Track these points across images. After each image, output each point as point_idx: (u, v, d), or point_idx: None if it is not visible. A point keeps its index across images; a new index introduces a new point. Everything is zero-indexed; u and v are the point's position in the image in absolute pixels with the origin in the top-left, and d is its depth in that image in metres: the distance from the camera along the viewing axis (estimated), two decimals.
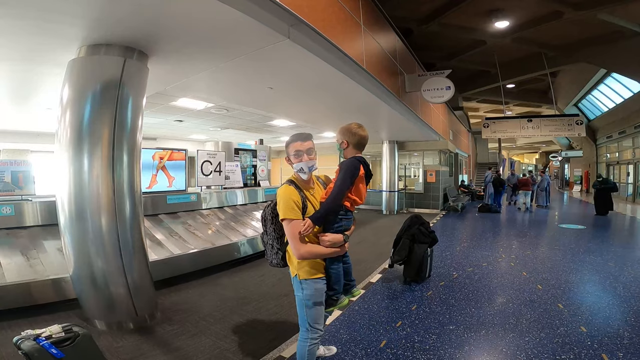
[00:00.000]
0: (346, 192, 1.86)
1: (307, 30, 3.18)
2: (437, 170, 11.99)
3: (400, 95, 6.43)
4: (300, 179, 1.94)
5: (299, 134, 1.95)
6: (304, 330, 1.97)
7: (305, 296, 1.91)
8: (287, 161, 1.98)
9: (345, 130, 1.96)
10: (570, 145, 24.37)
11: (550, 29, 9.65)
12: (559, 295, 3.86)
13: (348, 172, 1.86)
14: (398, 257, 4.41)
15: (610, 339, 2.80)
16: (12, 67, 3.86)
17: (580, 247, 6.26)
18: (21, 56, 3.49)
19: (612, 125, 16.28)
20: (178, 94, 5.36)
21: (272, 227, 2.02)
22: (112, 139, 2.91)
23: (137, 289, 3.13)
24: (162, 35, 3.00)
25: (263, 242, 2.17)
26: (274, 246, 2.05)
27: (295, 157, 1.90)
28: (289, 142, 1.95)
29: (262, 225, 2.10)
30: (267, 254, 2.14)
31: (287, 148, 1.97)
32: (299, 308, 1.97)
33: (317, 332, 1.98)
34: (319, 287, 1.91)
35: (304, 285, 1.90)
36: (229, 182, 6.98)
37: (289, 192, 1.84)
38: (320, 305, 1.95)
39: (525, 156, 45.67)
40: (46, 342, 1.97)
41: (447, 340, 2.85)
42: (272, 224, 2.02)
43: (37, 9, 2.46)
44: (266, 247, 2.12)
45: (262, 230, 2.13)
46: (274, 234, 2.02)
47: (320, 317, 1.98)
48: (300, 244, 1.78)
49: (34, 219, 4.15)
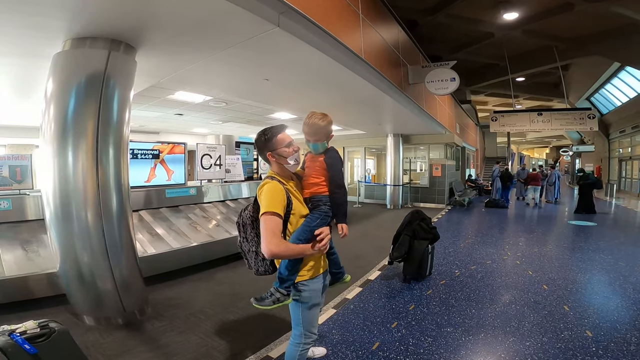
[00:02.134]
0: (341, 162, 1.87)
1: (299, 18, 3.03)
2: (442, 164, 11.75)
3: (403, 87, 6.24)
4: (282, 173, 1.81)
5: (280, 125, 1.82)
6: (298, 335, 1.87)
7: (303, 299, 1.79)
8: (270, 157, 1.78)
9: (329, 125, 1.82)
10: (582, 139, 23.80)
11: (561, 21, 9.28)
12: (566, 296, 3.70)
13: (339, 163, 1.85)
14: (397, 253, 4.28)
15: (617, 344, 2.64)
16: (5, 60, 3.79)
17: (589, 245, 6.05)
18: (11, 50, 3.42)
19: (625, 120, 15.80)
20: (174, 87, 5.27)
21: (253, 232, 1.84)
22: (96, 133, 2.83)
23: (125, 284, 3.07)
24: (148, 27, 2.89)
25: (242, 252, 1.97)
26: (259, 253, 1.82)
27: (287, 147, 1.76)
28: (274, 134, 1.77)
29: (240, 232, 1.90)
30: (250, 264, 1.94)
31: (271, 141, 1.76)
32: (294, 311, 1.85)
33: (311, 337, 1.88)
34: (316, 288, 1.81)
35: (301, 287, 1.77)
36: (229, 175, 6.90)
37: (277, 188, 1.68)
38: (317, 307, 1.86)
39: (535, 150, 44.86)
40: (20, 337, 1.94)
41: (442, 344, 2.72)
42: (253, 228, 1.83)
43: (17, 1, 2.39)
44: (247, 255, 1.92)
45: (240, 238, 1.93)
46: (257, 238, 1.83)
47: (316, 320, 1.90)
48: (276, 239, 1.60)
49: (31, 213, 4.11)
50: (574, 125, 10.90)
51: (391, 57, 5.85)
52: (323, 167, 1.81)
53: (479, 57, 12.52)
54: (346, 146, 13.52)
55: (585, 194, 10.05)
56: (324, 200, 1.79)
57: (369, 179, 13.79)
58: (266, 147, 1.78)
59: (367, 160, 14.09)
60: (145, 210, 5.15)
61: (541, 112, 11.41)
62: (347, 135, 12.70)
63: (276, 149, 1.76)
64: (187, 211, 5.64)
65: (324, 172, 1.81)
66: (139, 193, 5.12)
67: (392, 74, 5.68)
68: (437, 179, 11.84)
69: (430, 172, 11.97)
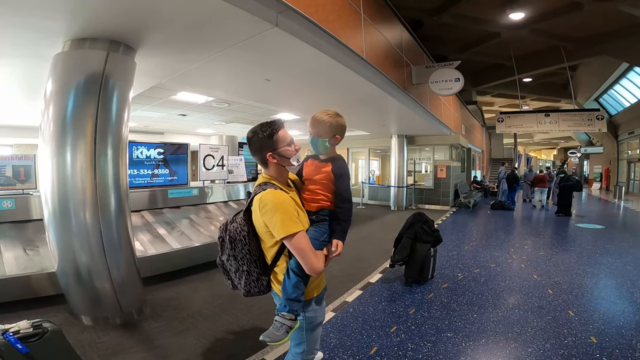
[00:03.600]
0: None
1: (298, 17, 3.00)
2: (447, 165, 11.64)
3: (406, 88, 6.18)
4: (280, 178, 1.60)
5: (279, 120, 1.58)
6: (299, 352, 1.69)
7: (308, 320, 1.62)
8: (270, 158, 1.53)
9: (337, 124, 1.67)
10: (590, 141, 23.45)
11: (569, 21, 9.14)
12: (571, 301, 3.61)
13: (348, 177, 1.68)
14: (399, 256, 4.21)
15: (622, 351, 2.56)
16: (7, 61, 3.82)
17: (597, 249, 5.92)
18: (12, 52, 3.45)
19: (634, 121, 15.55)
20: (176, 87, 5.28)
21: (246, 249, 1.54)
22: (95, 133, 2.83)
23: (123, 284, 3.06)
24: (147, 28, 2.89)
25: (225, 271, 1.68)
26: (252, 272, 1.57)
27: (289, 146, 1.55)
28: (276, 131, 1.51)
29: (225, 249, 1.59)
30: (235, 284, 1.67)
31: (272, 139, 1.51)
32: (296, 333, 1.62)
33: (314, 354, 1.75)
34: (318, 307, 1.67)
35: (306, 308, 1.60)
36: (232, 176, 6.90)
37: (283, 198, 1.45)
38: (320, 326, 1.73)
39: (542, 152, 44.31)
40: (12, 337, 1.95)
41: (442, 350, 2.66)
42: (245, 244, 1.53)
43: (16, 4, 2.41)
44: (235, 275, 1.63)
45: (223, 255, 1.62)
46: (250, 256, 1.55)
47: (319, 338, 1.77)
48: (316, 257, 1.46)
49: (35, 213, 4.13)
50: (582, 126, 10.72)
51: (394, 57, 5.80)
52: (330, 178, 1.64)
53: (485, 58, 12.39)
54: (350, 147, 13.48)
55: (565, 195, 9.87)
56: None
57: (373, 180, 13.71)
58: (266, 146, 1.51)
59: (371, 162, 14.02)
60: (147, 211, 5.17)
61: (548, 113, 11.24)
62: (351, 136, 12.65)
63: (278, 148, 1.52)
64: (189, 212, 5.64)
65: (330, 185, 1.64)
66: (141, 193, 5.14)
67: (395, 74, 5.62)
68: (442, 181, 11.72)
69: (435, 174, 11.87)
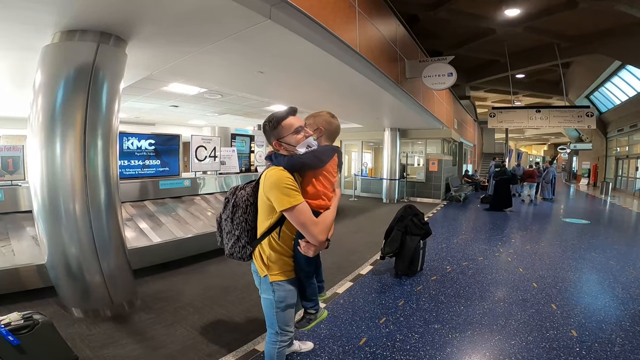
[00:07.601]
0: (322, 160, 1.69)
1: (291, 10, 2.97)
2: (439, 159, 11.74)
3: (400, 82, 6.18)
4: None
5: (287, 109, 1.69)
6: (273, 333, 1.82)
7: (278, 298, 1.72)
8: (277, 146, 1.68)
9: (320, 118, 1.83)
10: (580, 137, 23.78)
11: (564, 19, 9.17)
12: (554, 294, 3.72)
13: (328, 151, 1.76)
14: (389, 249, 4.28)
15: (601, 345, 2.66)
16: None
17: (582, 243, 6.08)
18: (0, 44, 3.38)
19: (624, 119, 15.79)
20: (168, 78, 5.20)
21: (243, 217, 1.71)
22: (84, 124, 2.79)
23: (113, 276, 3.06)
24: (138, 20, 2.84)
25: (220, 228, 1.85)
26: (241, 239, 1.74)
27: (297, 134, 1.64)
28: (279, 121, 1.64)
29: (227, 209, 1.76)
30: (225, 243, 1.82)
31: (276, 128, 1.65)
32: (268, 310, 1.79)
33: (288, 335, 1.84)
34: (291, 289, 1.75)
35: (276, 287, 1.71)
36: (224, 167, 6.87)
37: (285, 175, 1.55)
38: (292, 308, 1.80)
39: (533, 147, 44.87)
40: (4, 329, 1.96)
41: (429, 341, 2.73)
42: (245, 212, 1.71)
43: None
44: (226, 235, 1.80)
45: (223, 214, 1.80)
46: (245, 224, 1.72)
47: (291, 319, 1.84)
48: (319, 226, 1.58)
49: (24, 204, 4.09)
50: (572, 122, 10.87)
51: (388, 51, 5.79)
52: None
53: (479, 53, 12.38)
54: (343, 139, 13.49)
55: (502, 188, 10.06)
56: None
57: (366, 173, 13.77)
58: (272, 134, 1.67)
59: (364, 154, 14.06)
60: (138, 202, 5.15)
61: (539, 109, 11.35)
62: (344, 129, 12.65)
63: (282, 136, 1.65)
64: (181, 203, 5.63)
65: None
66: (132, 184, 5.11)
67: (388, 68, 5.62)
68: (434, 174, 11.83)
69: (427, 167, 11.97)
